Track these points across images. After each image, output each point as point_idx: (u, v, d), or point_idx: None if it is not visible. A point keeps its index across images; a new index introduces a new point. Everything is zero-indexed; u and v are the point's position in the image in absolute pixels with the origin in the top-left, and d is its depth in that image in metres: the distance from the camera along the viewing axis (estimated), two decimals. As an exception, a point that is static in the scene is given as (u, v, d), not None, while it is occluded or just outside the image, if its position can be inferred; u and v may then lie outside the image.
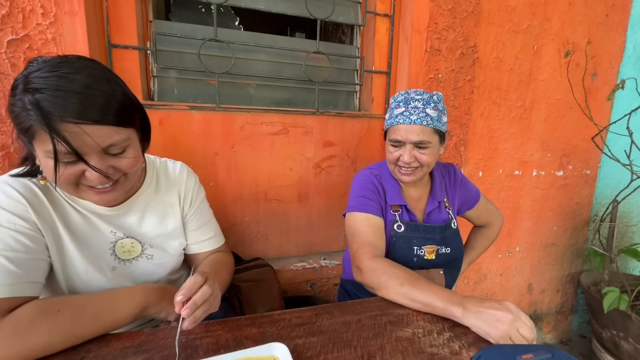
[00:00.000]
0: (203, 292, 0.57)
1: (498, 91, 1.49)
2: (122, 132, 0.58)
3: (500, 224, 1.22)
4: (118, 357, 0.56)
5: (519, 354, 0.46)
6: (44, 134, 0.51)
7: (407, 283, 0.75)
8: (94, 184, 0.59)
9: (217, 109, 1.18)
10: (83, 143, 0.54)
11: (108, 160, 0.58)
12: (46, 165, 0.55)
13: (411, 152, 0.90)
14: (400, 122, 0.90)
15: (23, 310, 0.53)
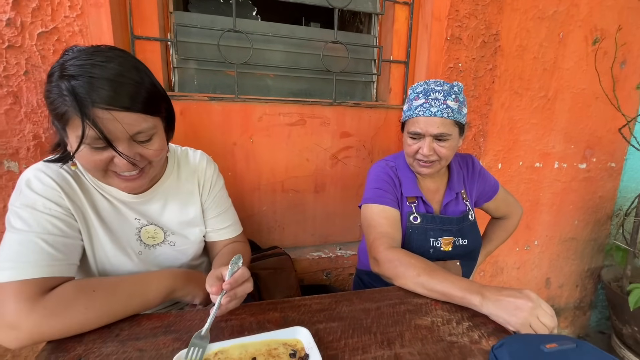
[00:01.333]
0: (245, 287, 0.61)
1: (520, 81, 1.45)
2: (150, 120, 0.60)
3: (519, 215, 1.20)
4: (149, 335, 0.59)
5: (543, 343, 0.46)
6: (77, 119, 0.54)
7: (424, 273, 0.76)
8: (121, 170, 0.61)
9: (236, 100, 1.19)
10: (113, 129, 0.56)
11: (135, 147, 0.61)
12: (80, 151, 0.57)
13: (430, 144, 0.89)
14: (419, 114, 0.89)
15: (62, 290, 0.57)
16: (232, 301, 0.59)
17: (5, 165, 0.96)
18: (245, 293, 0.61)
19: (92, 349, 0.55)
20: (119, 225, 0.71)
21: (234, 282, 0.59)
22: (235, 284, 0.59)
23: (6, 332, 0.52)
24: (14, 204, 0.60)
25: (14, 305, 0.52)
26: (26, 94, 0.94)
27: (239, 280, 0.60)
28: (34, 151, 0.97)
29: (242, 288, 0.60)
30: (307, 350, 0.55)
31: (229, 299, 0.58)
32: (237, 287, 0.60)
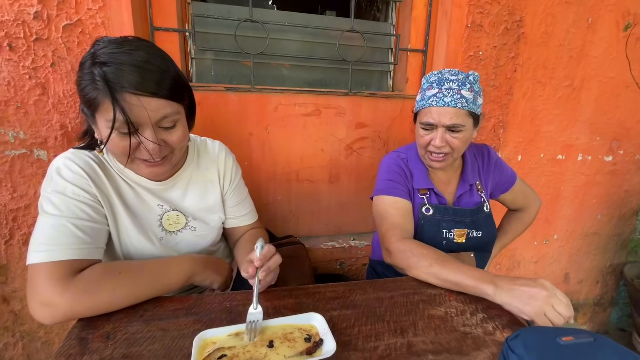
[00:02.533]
0: (275, 259, 0.65)
1: (544, 69, 1.40)
2: (174, 106, 0.63)
3: (537, 208, 1.17)
4: (171, 317, 0.62)
5: (559, 336, 0.45)
6: (107, 103, 0.57)
7: (436, 263, 0.76)
8: (146, 156, 0.64)
9: (252, 90, 1.20)
10: (140, 114, 0.59)
11: (160, 133, 0.64)
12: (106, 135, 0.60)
13: (443, 135, 0.88)
14: (432, 104, 0.87)
15: (91, 271, 0.60)
16: (268, 275, 0.64)
17: (35, 154, 1.01)
18: (276, 264, 0.65)
19: (119, 327, 0.59)
20: (142, 211, 0.74)
21: (264, 258, 0.63)
22: (265, 259, 0.63)
23: (42, 309, 0.56)
24: (46, 190, 0.64)
25: (48, 285, 0.56)
26: (53, 85, 0.97)
27: (267, 255, 0.64)
28: (61, 140, 1.02)
29: (273, 260, 0.65)
30: (321, 336, 0.56)
31: (264, 273, 0.63)
32: (268, 261, 0.64)
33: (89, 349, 0.53)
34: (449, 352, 0.56)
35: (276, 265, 0.66)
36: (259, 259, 0.63)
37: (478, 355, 0.56)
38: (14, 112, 0.97)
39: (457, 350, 0.57)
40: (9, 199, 1.02)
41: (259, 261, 0.62)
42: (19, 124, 0.98)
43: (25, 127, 0.98)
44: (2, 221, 1.03)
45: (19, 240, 1.06)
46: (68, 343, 0.55)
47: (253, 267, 0.62)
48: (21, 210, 1.04)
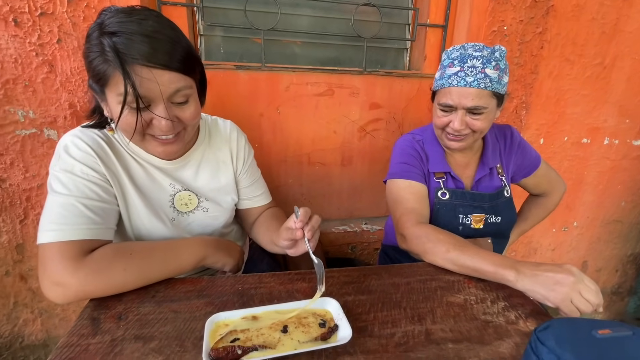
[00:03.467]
0: (317, 219, 0.62)
1: (573, 46, 1.30)
2: (186, 80, 0.60)
3: (561, 193, 1.11)
4: (183, 298, 0.61)
5: (595, 328, 0.42)
6: (118, 76, 0.54)
7: (454, 249, 0.72)
8: (159, 133, 0.62)
9: (263, 69, 1.15)
10: (152, 88, 0.56)
11: (173, 109, 0.61)
12: (116, 112, 0.57)
13: (463, 118, 0.82)
14: (453, 83, 0.80)
15: (102, 252, 0.59)
16: (314, 234, 0.60)
17: (45, 134, 1.00)
18: (318, 223, 0.62)
19: (131, 308, 0.58)
20: (153, 192, 0.72)
21: (304, 218, 0.60)
22: (305, 218, 0.60)
23: (54, 289, 0.55)
24: (54, 168, 0.62)
25: (59, 264, 0.55)
26: (60, 63, 0.95)
27: (307, 215, 0.61)
28: (70, 120, 1.00)
29: (315, 219, 0.61)
30: (336, 321, 0.54)
31: (311, 232, 0.59)
32: (310, 220, 0.60)
33: (101, 329, 0.53)
34: (470, 341, 0.54)
35: (318, 223, 0.62)
36: (299, 220, 0.59)
37: (501, 345, 0.53)
38: (22, 91, 0.95)
39: (478, 340, 0.54)
40: (21, 179, 1.02)
41: (300, 222, 0.59)
42: (28, 102, 0.96)
43: (34, 106, 0.97)
44: (16, 201, 1.04)
45: (33, 220, 1.07)
46: (80, 323, 0.54)
47: (300, 231, 0.59)
48: (34, 190, 1.04)
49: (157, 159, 0.71)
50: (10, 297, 1.13)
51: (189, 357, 0.48)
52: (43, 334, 1.20)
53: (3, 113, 0.95)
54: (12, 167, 1.00)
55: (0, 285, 1.11)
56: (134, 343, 0.50)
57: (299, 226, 0.59)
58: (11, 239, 1.07)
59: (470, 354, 0.51)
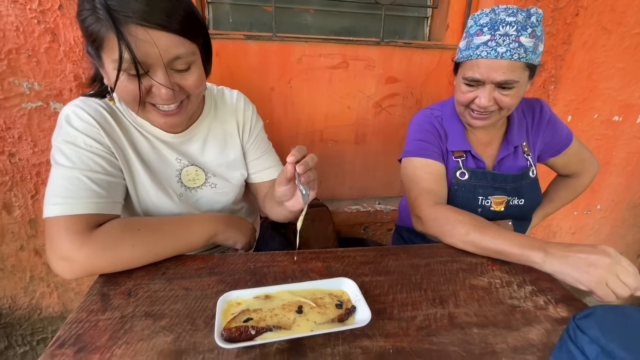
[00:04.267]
0: (312, 156, 0.54)
1: (612, 13, 1.19)
2: (187, 45, 0.55)
3: (593, 174, 1.02)
4: (194, 275, 0.59)
5: (645, 317, 0.38)
6: (112, 38, 0.49)
7: (474, 230, 0.68)
8: (160, 102, 0.57)
9: (274, 39, 1.09)
10: (150, 52, 0.51)
11: (173, 76, 0.56)
12: (114, 79, 0.53)
13: (491, 94, 0.74)
14: (482, 55, 0.72)
15: (109, 227, 0.57)
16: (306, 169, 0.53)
17: (51, 107, 0.97)
18: (313, 161, 0.54)
19: (141, 284, 0.56)
20: (160, 166, 0.69)
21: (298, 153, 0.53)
22: (300, 154, 0.53)
23: (61, 264, 0.53)
24: (56, 140, 0.59)
25: (66, 239, 0.53)
26: (63, 31, 0.90)
27: (302, 150, 0.54)
28: (76, 92, 0.97)
29: (310, 157, 0.54)
30: (353, 302, 0.51)
31: (302, 167, 0.52)
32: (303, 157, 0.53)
33: (111, 306, 0.51)
34: (496, 326, 0.51)
35: (314, 162, 0.54)
36: (291, 154, 0.52)
37: (530, 331, 0.50)
38: (26, 61, 0.91)
39: (505, 325, 0.51)
40: (30, 153, 1.01)
41: (292, 156, 0.52)
42: (33, 74, 0.93)
43: (39, 78, 0.94)
44: (26, 176, 1.03)
45: (44, 195, 1.06)
46: (90, 299, 0.53)
47: (292, 165, 0.52)
48: (43, 165, 1.03)
49: (162, 132, 0.68)
50: (26, 271, 1.14)
51: (200, 335, 0.46)
52: (60, 307, 1.23)
53: (8, 85, 0.93)
54: (21, 141, 0.99)
55: (16, 259, 1.12)
56: (144, 320, 0.49)
57: (290, 160, 0.52)
58: (24, 214, 1.07)
59: (497, 339, 0.48)
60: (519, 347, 0.47)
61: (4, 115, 0.95)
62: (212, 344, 0.45)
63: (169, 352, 0.43)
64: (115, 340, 0.45)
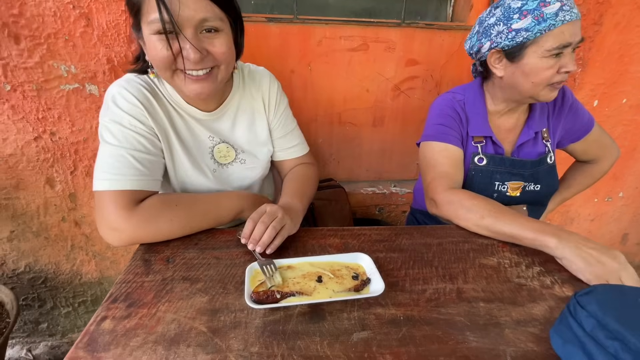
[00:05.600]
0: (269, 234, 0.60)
1: (650, -10, 1.13)
2: (217, 10, 0.59)
3: (612, 160, 1.02)
4: (224, 247, 0.65)
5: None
6: (147, 3, 0.56)
7: (489, 215, 0.70)
8: (189, 65, 0.60)
9: (295, 21, 1.10)
10: (181, 13, 0.56)
11: (202, 40, 0.60)
12: (150, 46, 0.59)
13: (572, 56, 0.74)
14: (566, 19, 0.69)
15: (151, 201, 0.63)
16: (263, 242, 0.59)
17: (87, 89, 1.04)
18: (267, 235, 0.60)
19: (177, 252, 0.63)
20: (195, 144, 0.75)
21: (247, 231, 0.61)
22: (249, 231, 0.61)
23: (111, 233, 0.60)
24: (104, 119, 0.65)
25: (114, 211, 0.60)
26: (96, 16, 0.95)
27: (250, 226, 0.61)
28: (109, 75, 1.03)
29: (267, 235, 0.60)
30: (368, 275, 0.56)
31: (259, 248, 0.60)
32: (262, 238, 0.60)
33: (153, 270, 0.58)
34: (502, 301, 0.54)
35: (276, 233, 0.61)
36: (243, 236, 0.61)
37: (534, 307, 0.53)
38: (63, 45, 0.97)
39: (510, 300, 0.55)
40: (69, 132, 1.08)
41: (244, 239, 0.61)
42: (69, 57, 0.99)
43: (75, 61, 1.00)
44: (65, 154, 1.11)
45: (82, 172, 1.15)
46: (134, 263, 0.60)
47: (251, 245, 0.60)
48: (81, 143, 1.11)
49: (196, 110, 0.72)
50: (67, 240, 1.26)
51: (232, 297, 0.52)
52: (97, 274, 1.35)
53: (48, 68, 0.99)
54: (60, 121, 1.06)
55: (58, 229, 1.23)
56: (182, 283, 0.55)
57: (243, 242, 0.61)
58: (64, 188, 1.17)
59: (502, 313, 0.52)
60: (522, 321, 0.51)
61: (45, 96, 1.02)
62: (242, 304, 0.51)
63: (206, 310, 0.50)
64: (159, 298, 0.52)
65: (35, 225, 1.20)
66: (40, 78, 1.00)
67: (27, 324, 1.38)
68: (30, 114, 1.04)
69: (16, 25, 0.93)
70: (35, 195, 1.16)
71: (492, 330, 0.49)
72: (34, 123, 1.05)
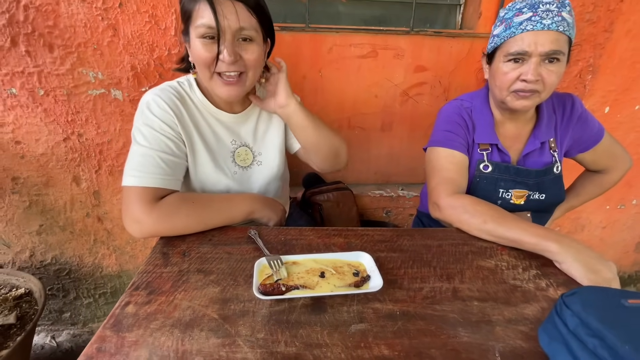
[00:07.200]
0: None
1: (663, -3, 1.12)
2: (254, 21, 0.68)
3: (624, 171, 1.01)
4: (235, 243, 0.70)
5: (625, 297, 0.43)
6: (198, 9, 0.65)
7: (491, 220, 0.72)
8: (224, 67, 0.69)
9: (307, 30, 1.15)
10: (224, 21, 0.65)
11: (237, 46, 0.68)
12: (195, 48, 0.68)
13: (537, 68, 0.74)
14: (527, 28, 0.73)
15: (170, 199, 0.69)
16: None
17: (112, 94, 1.11)
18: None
19: (192, 247, 0.68)
20: (218, 147, 0.81)
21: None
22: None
23: (134, 225, 0.66)
24: (137, 122, 0.72)
25: (138, 205, 0.66)
26: (122, 26, 1.02)
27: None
28: (132, 81, 1.10)
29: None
30: (368, 272, 0.60)
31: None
32: None
33: (170, 262, 0.63)
34: (496, 301, 0.57)
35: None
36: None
37: (526, 307, 0.56)
38: (92, 54, 1.05)
39: (504, 301, 0.57)
40: (95, 134, 1.16)
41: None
42: (97, 64, 1.07)
43: (102, 68, 1.07)
44: (91, 154, 1.19)
45: (105, 171, 1.23)
46: (154, 255, 0.65)
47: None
48: (105, 144, 1.18)
49: (223, 112, 0.80)
50: (90, 234, 1.34)
51: (241, 289, 0.57)
52: (117, 267, 1.43)
53: (77, 74, 1.07)
54: (87, 124, 1.14)
55: (83, 224, 1.32)
56: (196, 275, 0.60)
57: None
58: (89, 186, 1.25)
59: (495, 312, 0.54)
60: (513, 319, 0.53)
61: (74, 100, 1.11)
62: (250, 295, 0.55)
63: (217, 300, 0.55)
64: (176, 287, 0.57)
65: (62, 220, 1.29)
66: (71, 84, 1.08)
67: (51, 312, 1.47)
68: (61, 116, 1.12)
69: (51, 36, 1.01)
70: (63, 192, 1.24)
71: (483, 327, 0.52)
72: (63, 125, 1.13)
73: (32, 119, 1.11)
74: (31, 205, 1.25)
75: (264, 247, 0.66)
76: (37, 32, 1.00)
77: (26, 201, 1.24)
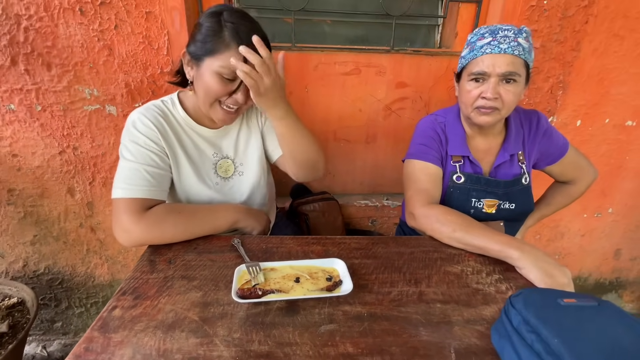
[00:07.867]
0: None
1: (624, 19, 1.20)
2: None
3: (589, 181, 1.07)
4: (218, 251, 0.74)
5: (561, 297, 0.48)
6: (226, 53, 0.70)
7: (460, 229, 0.77)
8: (234, 103, 0.76)
9: (293, 49, 1.22)
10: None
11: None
12: (209, 79, 0.73)
13: (496, 87, 0.81)
14: (486, 51, 0.80)
15: (157, 209, 0.74)
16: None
17: (107, 109, 1.17)
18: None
19: (178, 255, 0.72)
20: (201, 160, 0.86)
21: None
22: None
23: (123, 234, 0.71)
24: (124, 139, 0.77)
25: (127, 216, 0.70)
26: (117, 47, 1.09)
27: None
28: (126, 97, 1.15)
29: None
30: (341, 277, 0.64)
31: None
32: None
33: (157, 269, 0.68)
34: (457, 303, 0.62)
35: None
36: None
37: (485, 309, 0.60)
38: (88, 72, 1.11)
39: (465, 303, 0.62)
40: (89, 147, 1.21)
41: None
42: (93, 82, 1.12)
43: (97, 85, 1.13)
44: (85, 166, 1.24)
45: (99, 182, 1.27)
46: (141, 263, 0.69)
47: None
48: (99, 157, 1.23)
49: (204, 128, 0.85)
50: (83, 244, 1.37)
51: (222, 293, 0.61)
52: (109, 277, 1.46)
53: (74, 91, 1.13)
54: (82, 138, 1.19)
55: (76, 235, 1.35)
56: (181, 280, 0.64)
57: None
58: (83, 197, 1.29)
59: (455, 313, 0.59)
60: (472, 320, 0.58)
61: (70, 116, 1.16)
62: (230, 299, 0.59)
63: (199, 303, 0.59)
64: (161, 292, 0.61)
65: (55, 231, 1.33)
66: (67, 100, 1.13)
67: (43, 322, 1.49)
68: (57, 131, 1.17)
69: (49, 55, 1.07)
70: (57, 203, 1.28)
71: (443, 327, 0.56)
72: (59, 139, 1.18)
73: (29, 133, 1.16)
74: (26, 216, 1.28)
75: (245, 254, 0.71)
76: (36, 51, 1.06)
77: (21, 212, 1.28)
